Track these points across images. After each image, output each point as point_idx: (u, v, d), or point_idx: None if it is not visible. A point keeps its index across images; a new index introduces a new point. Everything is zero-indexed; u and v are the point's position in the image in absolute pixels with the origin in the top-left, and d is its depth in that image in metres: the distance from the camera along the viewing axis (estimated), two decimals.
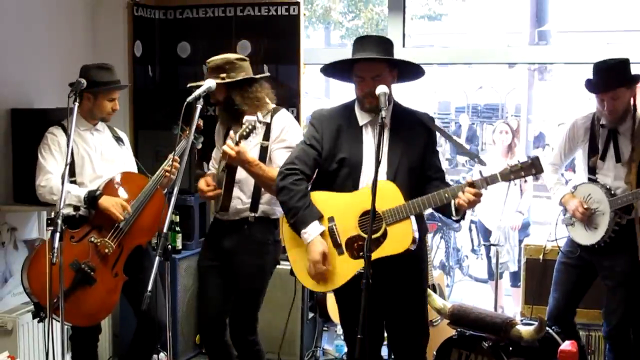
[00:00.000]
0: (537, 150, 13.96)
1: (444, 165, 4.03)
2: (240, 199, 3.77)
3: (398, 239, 3.13)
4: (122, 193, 3.92)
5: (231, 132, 3.62)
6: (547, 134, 14.93)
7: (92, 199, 3.78)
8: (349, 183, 3.26)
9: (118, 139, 4.19)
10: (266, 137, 3.75)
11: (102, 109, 3.98)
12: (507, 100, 16.98)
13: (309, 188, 3.40)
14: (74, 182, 3.75)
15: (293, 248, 3.39)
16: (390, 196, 3.13)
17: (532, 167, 3.04)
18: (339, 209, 3.26)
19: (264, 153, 3.74)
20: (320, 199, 3.31)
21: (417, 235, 3.17)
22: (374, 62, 3.18)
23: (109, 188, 3.90)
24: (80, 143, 3.95)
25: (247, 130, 3.49)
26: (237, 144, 3.50)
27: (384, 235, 3.15)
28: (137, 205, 3.91)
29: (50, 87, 4.15)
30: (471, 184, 3.06)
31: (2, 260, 4.56)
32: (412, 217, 3.16)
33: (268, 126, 3.76)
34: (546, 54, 6.56)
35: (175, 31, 5.60)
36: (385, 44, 3.26)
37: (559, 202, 4.24)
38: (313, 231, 3.22)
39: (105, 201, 3.79)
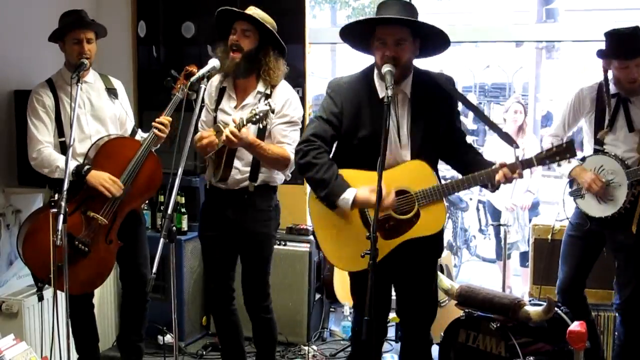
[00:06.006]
0: (544, 130, 13.86)
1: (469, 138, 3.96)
2: (238, 168, 3.72)
3: (432, 220, 3.11)
4: (113, 164, 3.83)
5: (234, 116, 3.54)
6: (555, 113, 14.82)
7: (79, 175, 3.74)
8: (372, 160, 2.99)
9: (111, 91, 4.10)
10: None
11: (70, 53, 3.89)
12: (514, 79, 16.85)
13: None
14: (62, 142, 3.68)
15: (321, 229, 3.29)
16: (423, 176, 3.10)
17: (567, 151, 3.05)
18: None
19: (262, 128, 3.67)
20: (349, 176, 3.14)
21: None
22: (397, 25, 3.02)
23: (98, 159, 3.82)
24: (66, 100, 3.86)
25: (258, 116, 3.37)
26: (242, 126, 3.42)
27: (417, 216, 3.11)
28: (129, 175, 3.84)
29: (52, 68, 4.10)
30: (507, 166, 3.05)
31: (7, 242, 4.55)
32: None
33: (268, 98, 3.65)
34: (554, 32, 6.53)
35: (179, 11, 5.55)
36: (410, 10, 3.07)
37: (567, 175, 4.14)
38: (349, 195, 3.05)
39: (94, 178, 3.74)
